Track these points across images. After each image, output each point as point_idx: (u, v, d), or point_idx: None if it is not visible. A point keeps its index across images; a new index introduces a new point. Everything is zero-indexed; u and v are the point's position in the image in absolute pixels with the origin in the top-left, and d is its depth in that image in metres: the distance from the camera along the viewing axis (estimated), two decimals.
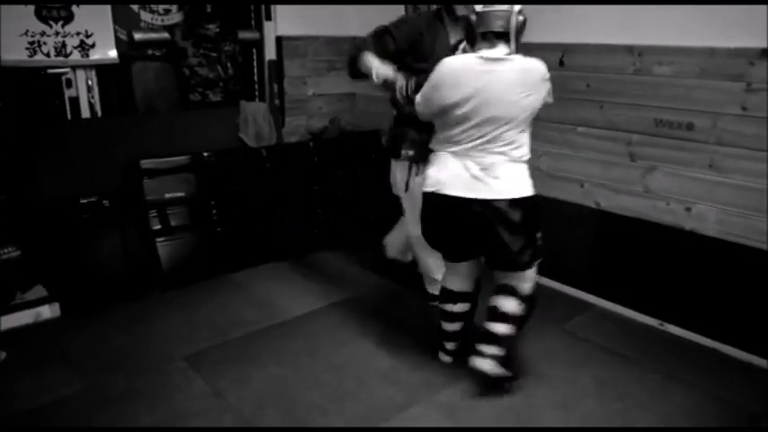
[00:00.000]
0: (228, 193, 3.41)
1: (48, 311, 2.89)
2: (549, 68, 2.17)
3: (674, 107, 2.73)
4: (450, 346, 2.57)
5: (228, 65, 3.70)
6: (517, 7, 2.11)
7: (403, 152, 2.63)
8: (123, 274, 3.09)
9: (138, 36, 3.25)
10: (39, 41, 2.68)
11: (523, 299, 2.35)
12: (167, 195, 3.28)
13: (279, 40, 3.54)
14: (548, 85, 2.21)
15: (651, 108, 2.80)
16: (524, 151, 2.23)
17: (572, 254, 3.29)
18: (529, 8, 2.15)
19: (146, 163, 3.22)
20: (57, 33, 2.72)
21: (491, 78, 2.10)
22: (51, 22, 2.68)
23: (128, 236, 3.15)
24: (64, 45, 2.75)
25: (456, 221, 2.27)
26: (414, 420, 2.24)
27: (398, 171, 2.73)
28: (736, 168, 2.58)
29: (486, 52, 2.13)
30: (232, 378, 2.46)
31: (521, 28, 2.13)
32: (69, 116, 2.88)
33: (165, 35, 3.38)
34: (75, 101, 2.91)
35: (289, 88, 3.90)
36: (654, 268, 2.94)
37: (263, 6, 3.67)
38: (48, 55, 2.70)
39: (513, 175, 2.20)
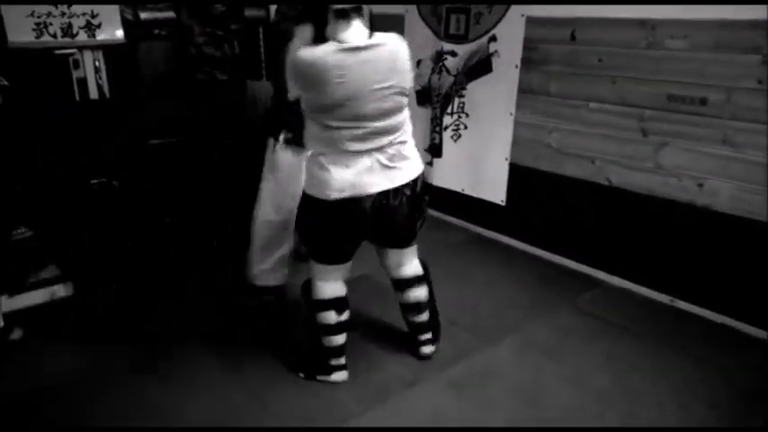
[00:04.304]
0: (237, 171, 3.42)
1: (62, 290, 2.94)
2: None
3: (687, 81, 2.68)
4: (342, 360, 2.34)
5: (235, 43, 3.67)
6: None
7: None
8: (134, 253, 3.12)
9: (144, 15, 3.22)
10: (45, 22, 2.66)
11: (426, 275, 2.41)
12: None
13: None
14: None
15: (664, 83, 2.76)
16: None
17: (583, 230, 3.28)
18: None
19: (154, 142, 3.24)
20: (62, 14, 2.70)
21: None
22: (57, 3, 2.67)
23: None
24: (70, 26, 2.74)
25: (364, 219, 2.07)
26: (422, 397, 2.27)
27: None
28: (751, 143, 2.54)
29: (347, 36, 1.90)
30: (240, 355, 2.50)
31: None
32: (78, 97, 2.88)
33: (171, 14, 3.35)
34: (83, 82, 2.91)
35: None
36: (665, 245, 2.92)
37: None
38: (54, 36, 2.69)
39: (413, 152, 2.14)
